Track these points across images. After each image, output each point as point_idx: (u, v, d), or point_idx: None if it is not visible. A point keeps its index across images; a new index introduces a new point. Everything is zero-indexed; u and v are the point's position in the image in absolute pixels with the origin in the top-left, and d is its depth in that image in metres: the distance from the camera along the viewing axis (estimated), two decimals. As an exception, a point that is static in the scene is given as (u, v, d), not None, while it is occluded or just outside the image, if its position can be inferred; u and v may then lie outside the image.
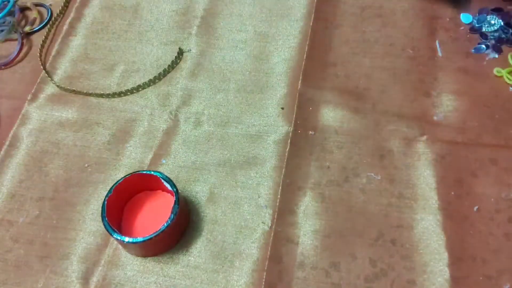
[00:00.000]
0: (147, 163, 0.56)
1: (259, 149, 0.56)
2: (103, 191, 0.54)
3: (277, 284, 0.48)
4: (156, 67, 0.63)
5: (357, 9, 0.65)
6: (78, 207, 0.54)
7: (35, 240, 0.53)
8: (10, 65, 0.67)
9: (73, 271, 0.50)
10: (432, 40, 0.61)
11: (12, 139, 0.60)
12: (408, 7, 0.64)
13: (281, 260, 0.49)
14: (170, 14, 0.68)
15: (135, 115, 0.60)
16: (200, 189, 0.54)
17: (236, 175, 0.54)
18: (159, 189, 0.53)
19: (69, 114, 0.61)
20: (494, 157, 0.52)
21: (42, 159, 0.58)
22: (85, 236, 0.52)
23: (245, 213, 0.52)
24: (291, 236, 0.50)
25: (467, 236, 0.48)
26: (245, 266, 0.49)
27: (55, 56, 0.66)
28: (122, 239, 0.47)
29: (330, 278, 0.47)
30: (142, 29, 0.67)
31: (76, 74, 0.64)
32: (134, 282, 0.49)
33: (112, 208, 0.49)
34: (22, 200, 0.55)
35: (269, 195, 0.53)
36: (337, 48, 0.62)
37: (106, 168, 0.56)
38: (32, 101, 0.62)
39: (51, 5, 0.72)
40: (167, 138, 0.58)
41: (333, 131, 0.56)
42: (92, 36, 0.68)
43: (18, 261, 0.52)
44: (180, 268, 0.50)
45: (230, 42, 0.64)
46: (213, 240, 0.51)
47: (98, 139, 0.59)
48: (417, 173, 0.52)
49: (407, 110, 0.56)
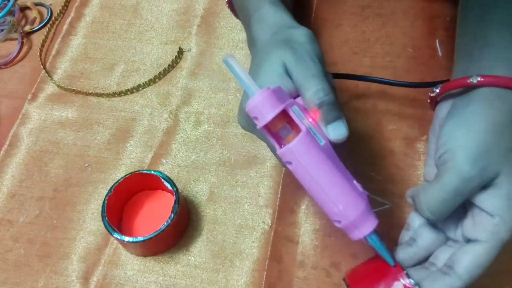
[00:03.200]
0: (147, 163, 0.56)
1: (259, 148, 0.56)
2: (103, 191, 0.54)
3: (277, 283, 0.48)
4: (156, 66, 0.63)
5: (357, 9, 0.65)
6: (78, 206, 0.54)
7: (35, 239, 0.53)
8: (10, 64, 0.67)
9: (73, 270, 0.50)
10: (432, 40, 0.61)
11: (12, 139, 0.60)
12: (408, 7, 0.64)
13: (281, 260, 0.49)
14: (170, 14, 0.68)
15: (135, 115, 0.60)
16: (200, 188, 0.54)
17: (236, 174, 0.54)
18: (159, 189, 0.53)
19: (69, 114, 0.61)
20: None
21: (42, 158, 0.58)
22: (85, 236, 0.52)
23: (245, 213, 0.52)
24: (291, 235, 0.50)
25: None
26: (245, 266, 0.49)
27: (55, 56, 0.66)
28: (122, 238, 0.47)
29: (330, 278, 0.47)
30: (142, 28, 0.67)
31: (76, 73, 0.64)
32: (134, 282, 0.49)
33: (112, 207, 0.49)
34: (22, 199, 0.55)
35: (269, 195, 0.52)
36: (337, 47, 0.62)
37: (106, 168, 0.56)
38: (32, 101, 0.62)
39: (51, 4, 0.72)
40: (167, 138, 0.58)
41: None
42: (92, 35, 0.67)
43: (18, 261, 0.52)
44: (180, 268, 0.50)
45: (230, 42, 0.64)
46: (213, 239, 0.51)
47: (98, 139, 0.58)
48: (418, 173, 0.52)
49: (408, 109, 0.56)
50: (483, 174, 0.35)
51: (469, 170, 0.35)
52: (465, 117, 0.37)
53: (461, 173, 0.35)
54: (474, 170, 0.35)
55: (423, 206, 0.37)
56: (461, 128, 0.37)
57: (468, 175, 0.35)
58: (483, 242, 0.36)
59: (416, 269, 0.40)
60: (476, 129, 0.36)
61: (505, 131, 0.36)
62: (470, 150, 0.35)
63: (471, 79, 0.37)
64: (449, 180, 0.36)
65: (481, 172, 0.35)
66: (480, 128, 0.36)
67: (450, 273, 0.36)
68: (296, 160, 0.35)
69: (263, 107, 0.35)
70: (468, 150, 0.35)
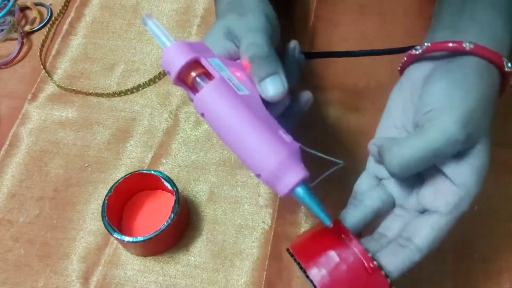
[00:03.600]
0: (147, 163, 0.56)
1: (259, 148, 0.55)
2: (103, 191, 0.54)
3: (277, 283, 0.48)
4: (156, 66, 0.63)
5: (356, 7, 0.65)
6: (78, 206, 0.54)
7: (35, 239, 0.53)
8: (10, 64, 0.67)
9: (73, 270, 0.50)
10: (433, 39, 0.61)
11: (12, 139, 0.60)
12: (407, 6, 0.64)
13: (281, 259, 0.49)
14: (170, 14, 0.68)
15: (135, 115, 0.60)
16: (200, 188, 0.54)
17: (236, 174, 0.54)
18: (159, 189, 0.53)
19: (69, 114, 0.61)
20: (495, 156, 0.52)
21: (42, 158, 0.58)
22: (85, 236, 0.52)
23: (245, 213, 0.52)
24: (291, 235, 0.50)
25: (467, 235, 0.48)
26: (245, 265, 0.49)
27: (55, 56, 0.66)
28: (122, 238, 0.47)
29: (330, 277, 0.47)
30: (142, 28, 0.67)
31: (76, 73, 0.64)
32: (134, 282, 0.49)
33: (112, 207, 0.49)
34: (22, 199, 0.55)
35: (269, 194, 0.52)
36: (336, 46, 0.62)
37: (106, 168, 0.56)
38: (32, 101, 0.62)
39: (51, 4, 0.72)
40: (167, 138, 0.58)
41: (332, 129, 0.56)
42: (92, 35, 0.67)
43: (18, 261, 0.52)
44: (180, 268, 0.50)
45: (230, 41, 0.64)
46: (213, 239, 0.51)
47: (98, 139, 0.59)
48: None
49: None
50: (467, 141, 0.33)
51: (456, 132, 0.33)
52: (458, 81, 0.35)
53: (448, 133, 0.33)
54: (461, 134, 0.33)
55: (394, 160, 0.34)
56: (453, 90, 0.34)
57: (454, 138, 0.33)
58: (444, 214, 0.34)
59: (366, 240, 0.38)
60: (469, 94, 0.34)
61: (489, 105, 0.35)
62: (461, 113, 0.33)
63: (464, 44, 0.35)
64: (433, 137, 0.33)
65: (467, 138, 0.33)
66: (473, 95, 0.34)
67: (409, 246, 0.35)
68: (207, 109, 0.33)
69: (174, 58, 0.34)
70: (459, 113, 0.33)
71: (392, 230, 0.38)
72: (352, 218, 0.38)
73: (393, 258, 0.35)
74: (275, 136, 0.33)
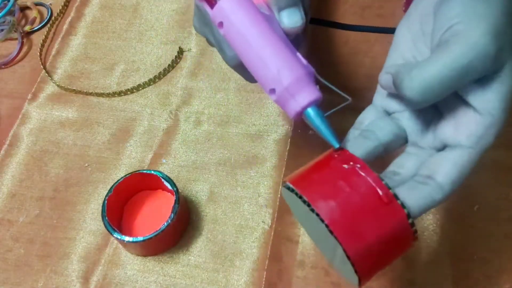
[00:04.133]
0: (147, 163, 0.56)
1: (259, 148, 0.56)
2: (103, 191, 0.54)
3: (277, 283, 0.48)
4: (156, 66, 0.63)
5: (357, 9, 0.65)
6: (78, 206, 0.54)
7: (35, 239, 0.53)
8: (10, 64, 0.67)
9: (73, 270, 0.50)
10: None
11: (12, 139, 0.60)
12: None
13: (281, 259, 0.49)
14: (170, 14, 0.68)
15: (135, 115, 0.60)
16: (200, 188, 0.54)
17: (236, 174, 0.54)
18: (159, 189, 0.53)
19: (69, 114, 0.61)
20: (495, 157, 0.52)
21: (42, 158, 0.58)
22: (85, 236, 0.52)
23: (245, 213, 0.52)
24: (291, 235, 0.50)
25: (467, 236, 0.48)
26: (245, 266, 0.49)
27: (55, 56, 0.66)
28: (122, 238, 0.47)
29: (329, 277, 0.47)
30: (142, 28, 0.67)
31: (76, 73, 0.64)
32: (134, 282, 0.49)
33: (112, 207, 0.49)
34: (22, 199, 0.55)
35: (269, 194, 0.53)
36: (337, 48, 0.62)
37: (106, 168, 0.56)
38: (32, 101, 0.62)
39: (51, 4, 0.72)
40: (167, 138, 0.58)
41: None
42: (92, 35, 0.67)
43: (18, 261, 0.52)
44: (180, 268, 0.50)
45: (230, 42, 0.64)
46: (213, 239, 0.51)
47: (98, 139, 0.59)
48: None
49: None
50: (498, 56, 0.29)
51: (487, 43, 0.28)
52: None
53: (478, 46, 0.28)
54: (492, 46, 0.28)
55: (415, 83, 0.30)
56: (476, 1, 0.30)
57: (485, 51, 0.28)
58: (468, 147, 0.31)
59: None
60: (493, 7, 0.30)
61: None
62: (489, 24, 0.29)
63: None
64: (460, 52, 0.29)
65: (497, 52, 0.29)
66: (497, 7, 0.30)
67: (430, 183, 0.31)
68: (227, 18, 0.32)
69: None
70: (486, 24, 0.29)
71: (406, 169, 0.34)
72: (363, 150, 0.33)
73: (412, 192, 0.31)
74: (293, 56, 0.32)
